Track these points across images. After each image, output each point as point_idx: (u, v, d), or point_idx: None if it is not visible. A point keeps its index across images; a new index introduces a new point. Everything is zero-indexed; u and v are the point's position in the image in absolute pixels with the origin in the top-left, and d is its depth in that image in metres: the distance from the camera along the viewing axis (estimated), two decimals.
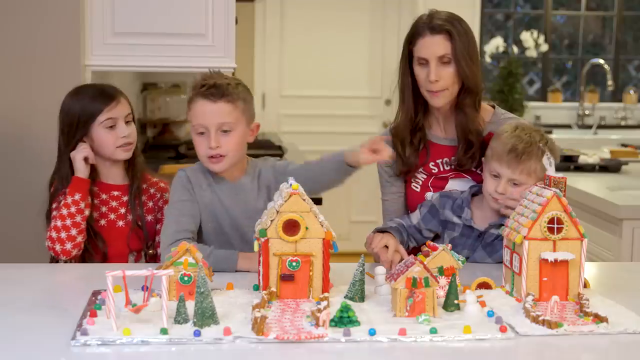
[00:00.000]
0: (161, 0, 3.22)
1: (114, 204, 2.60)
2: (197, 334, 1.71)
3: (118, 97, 2.57)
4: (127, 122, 2.57)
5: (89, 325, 1.74)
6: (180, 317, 1.77)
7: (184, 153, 4.38)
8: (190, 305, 1.81)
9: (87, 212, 2.51)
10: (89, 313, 1.82)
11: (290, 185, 1.98)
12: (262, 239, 1.96)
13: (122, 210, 2.60)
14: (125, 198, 2.61)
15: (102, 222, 2.58)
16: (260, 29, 6.64)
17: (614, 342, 1.77)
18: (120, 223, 2.59)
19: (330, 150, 2.48)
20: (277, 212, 1.96)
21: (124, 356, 1.65)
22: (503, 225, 2.37)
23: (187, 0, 3.23)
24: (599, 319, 1.82)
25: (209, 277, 1.90)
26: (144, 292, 1.85)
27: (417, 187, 2.64)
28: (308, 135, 6.32)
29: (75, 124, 2.53)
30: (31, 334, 1.75)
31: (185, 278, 1.94)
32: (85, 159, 2.52)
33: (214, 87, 2.32)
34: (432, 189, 2.61)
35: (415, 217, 2.54)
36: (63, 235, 2.46)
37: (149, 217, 2.63)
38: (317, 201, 3.24)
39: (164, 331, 1.71)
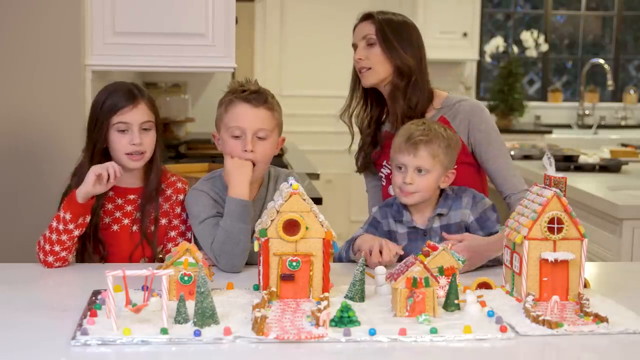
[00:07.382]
0: (161, 0, 3.22)
1: (128, 208, 2.44)
2: (197, 334, 1.71)
3: (137, 101, 2.38)
4: (144, 130, 2.38)
5: (89, 325, 1.74)
6: (180, 317, 1.77)
7: (184, 153, 4.38)
8: (190, 305, 1.81)
9: (76, 233, 2.31)
10: (89, 313, 1.82)
11: (291, 185, 1.98)
12: (262, 239, 1.96)
13: (138, 215, 2.44)
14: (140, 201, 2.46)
15: (115, 227, 2.43)
16: (260, 29, 6.63)
17: (614, 342, 1.77)
18: (134, 228, 2.44)
19: (330, 149, 2.48)
20: (278, 212, 1.95)
21: (124, 356, 1.65)
22: (441, 214, 2.37)
23: (187, 0, 3.23)
24: (599, 319, 1.82)
25: (209, 277, 1.90)
26: (144, 291, 1.85)
27: (383, 181, 2.70)
28: (308, 135, 6.31)
29: (94, 118, 2.38)
30: (31, 334, 1.75)
31: (186, 278, 1.94)
32: (99, 177, 2.27)
33: (256, 93, 2.36)
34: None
35: (359, 231, 2.51)
36: (47, 247, 2.30)
37: (163, 221, 2.46)
38: (317, 201, 3.25)
39: (164, 331, 1.71)
